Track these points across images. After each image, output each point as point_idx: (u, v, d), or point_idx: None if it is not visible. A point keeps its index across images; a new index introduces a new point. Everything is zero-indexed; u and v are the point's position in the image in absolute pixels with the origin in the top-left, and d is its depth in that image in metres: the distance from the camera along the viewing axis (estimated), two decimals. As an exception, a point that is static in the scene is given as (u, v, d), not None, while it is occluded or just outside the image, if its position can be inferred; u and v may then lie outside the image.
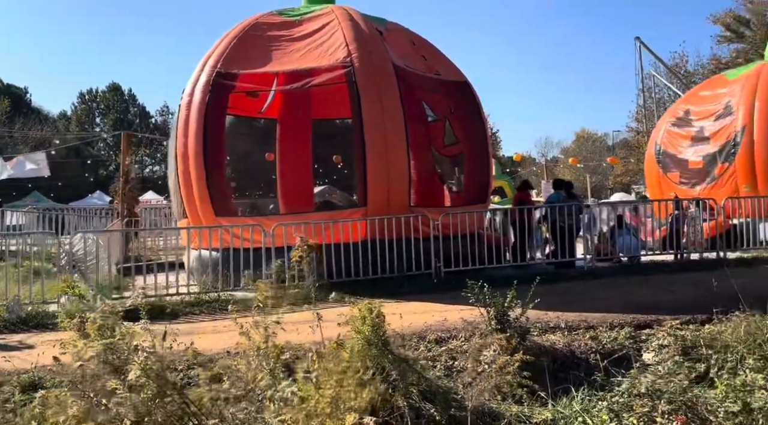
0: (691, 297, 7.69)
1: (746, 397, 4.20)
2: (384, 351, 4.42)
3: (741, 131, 13.59)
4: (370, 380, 3.57)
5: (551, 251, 10.44)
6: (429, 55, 11.14)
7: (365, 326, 4.45)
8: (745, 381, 4.52)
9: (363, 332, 4.42)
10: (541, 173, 32.48)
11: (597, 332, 6.35)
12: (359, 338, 4.41)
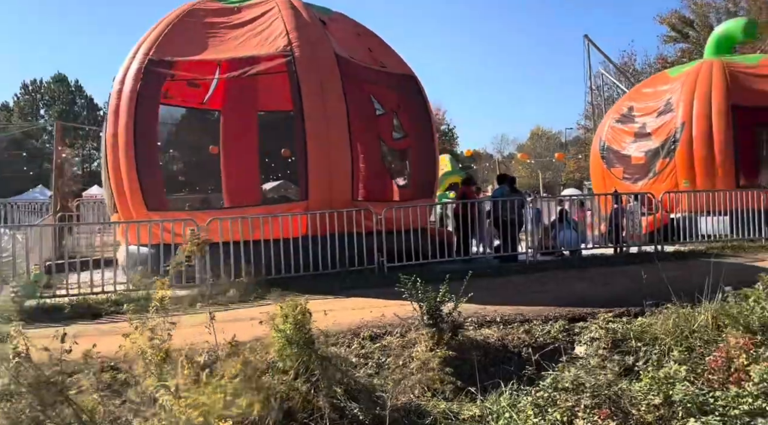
0: (626, 290, 7.77)
1: (668, 390, 4.21)
2: (305, 350, 4.24)
3: (680, 127, 13.97)
4: (277, 382, 3.34)
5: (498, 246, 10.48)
6: (375, 46, 10.96)
7: (286, 324, 4.25)
8: (668, 374, 4.53)
9: (283, 330, 4.22)
10: (494, 169, 32.79)
11: (531, 325, 6.31)
12: (278, 337, 4.21)
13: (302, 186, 8.97)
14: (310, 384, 4.31)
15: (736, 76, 13.89)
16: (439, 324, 5.37)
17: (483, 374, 5.33)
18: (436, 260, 9.79)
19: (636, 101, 15.94)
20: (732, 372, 4.38)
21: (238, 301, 7.61)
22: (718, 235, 12.17)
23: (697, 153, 13.60)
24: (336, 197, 8.91)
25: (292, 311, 4.37)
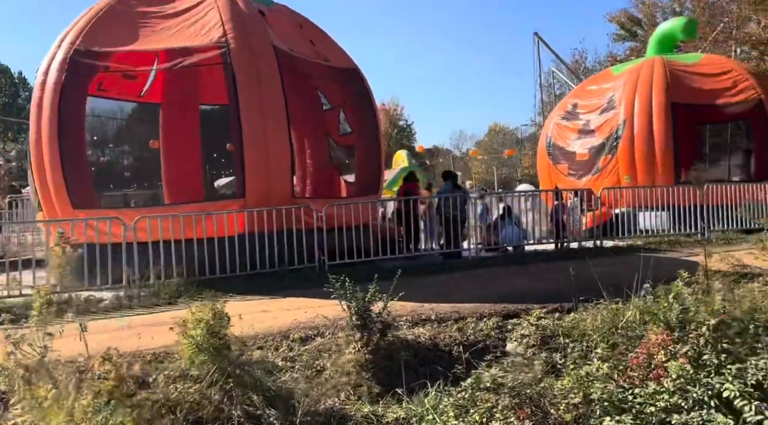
0: (563, 286, 7.81)
1: (587, 388, 4.19)
2: (217, 357, 4.03)
3: (622, 124, 14.28)
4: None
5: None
6: (317, 39, 10.74)
7: (197, 330, 4.03)
8: (589, 371, 4.53)
9: (193, 337, 4.01)
10: (450, 165, 32.96)
11: (466, 323, 6.27)
12: (187, 344, 3.99)
13: (239, 183, 8.69)
14: (224, 392, 4.11)
15: (676, 75, 14.28)
16: (368, 324, 5.24)
17: (412, 374, 5.25)
18: (381, 257, 9.68)
19: (581, 99, 16.22)
20: (652, 369, 4.40)
21: (167, 303, 7.31)
22: (657, 230, 12.48)
23: (638, 150, 13.93)
24: (275, 193, 8.67)
25: (206, 316, 4.15)
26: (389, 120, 50.68)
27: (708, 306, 4.41)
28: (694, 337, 4.25)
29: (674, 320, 4.34)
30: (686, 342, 4.27)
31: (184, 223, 7.94)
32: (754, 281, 6.75)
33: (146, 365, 4.89)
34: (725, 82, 14.03)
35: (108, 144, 13.15)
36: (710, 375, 4.02)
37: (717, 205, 12.31)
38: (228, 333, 4.32)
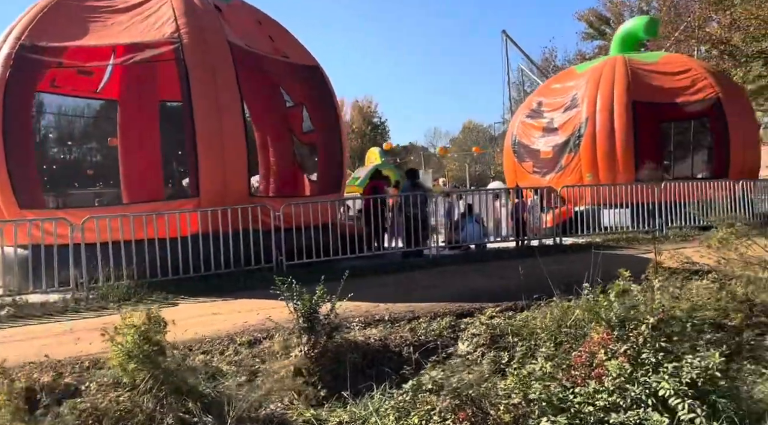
0: (519, 284, 7.85)
1: (527, 388, 4.18)
2: (148, 363, 3.90)
3: (585, 122, 14.42)
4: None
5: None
6: (277, 36, 10.56)
7: (128, 336, 3.90)
8: (531, 370, 4.53)
9: (122, 344, 3.87)
10: (420, 163, 33.04)
11: (419, 322, 6.23)
12: (117, 351, 3.86)
13: (192, 181, 8.50)
14: (157, 400, 3.99)
15: (637, 73, 14.47)
16: (315, 327, 5.16)
17: (360, 376, 5.19)
18: (344, 256, 9.59)
19: (545, 97, 16.35)
20: (594, 368, 4.41)
21: (117, 306, 7.10)
22: (619, 227, 12.64)
23: (600, 148, 14.09)
24: (231, 192, 8.51)
25: (139, 321, 4.02)
26: (363, 117, 50.57)
27: (648, 305, 4.43)
28: (634, 336, 4.27)
29: (614, 319, 4.35)
30: (626, 341, 4.29)
31: (134, 223, 7.73)
32: (703, 279, 6.84)
33: (83, 372, 4.75)
34: (684, 81, 14.27)
35: (63, 142, 12.78)
36: (648, 374, 4.05)
37: (676, 202, 12.54)
38: (162, 339, 4.19)
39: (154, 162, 12.37)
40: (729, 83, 14.90)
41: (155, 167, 12.43)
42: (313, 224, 9.16)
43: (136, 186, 11.79)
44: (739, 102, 14.25)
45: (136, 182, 11.92)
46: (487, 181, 48.05)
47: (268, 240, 8.59)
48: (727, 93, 14.00)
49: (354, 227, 10.86)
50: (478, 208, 11.32)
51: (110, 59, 10.17)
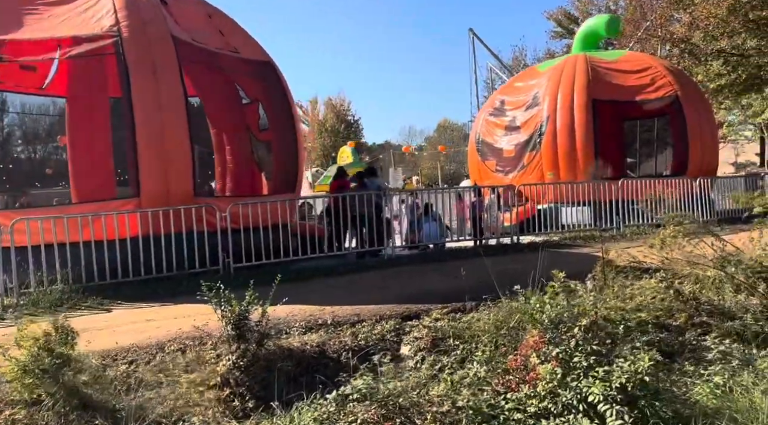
0: (472, 284, 7.68)
1: (457, 395, 4.01)
2: (48, 378, 3.61)
3: (545, 120, 14.39)
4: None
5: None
6: (228, 30, 10.25)
7: (24, 349, 3.60)
8: (465, 375, 4.36)
9: (17, 358, 3.57)
10: (390, 161, 32.89)
11: (363, 326, 6.03)
12: (11, 366, 3.56)
13: (132, 181, 8.15)
14: (60, 416, 3.70)
15: (597, 72, 14.48)
16: (245, 334, 4.91)
17: (293, 385, 4.96)
18: (300, 257, 9.32)
19: (508, 95, 16.29)
20: (528, 372, 4.26)
21: (49, 312, 6.73)
22: (580, 225, 12.62)
23: (561, 146, 14.07)
24: (174, 192, 8.19)
25: (40, 332, 3.72)
26: (336, 115, 50.11)
27: (582, 306, 4.30)
28: (567, 339, 4.13)
29: (546, 321, 4.20)
30: (559, 344, 4.14)
31: (68, 225, 7.36)
32: (652, 277, 6.77)
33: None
34: (644, 79, 14.34)
35: (12, 140, 12.25)
36: (579, 379, 3.90)
37: (634, 200, 12.55)
38: (68, 350, 3.90)
39: (104, 161, 11.94)
40: (688, 81, 15.04)
41: (105, 166, 11.99)
42: (263, 225, 8.87)
43: (86, 186, 11.34)
44: (697, 100, 14.39)
45: (85, 182, 11.48)
46: (460, 179, 48.18)
47: (215, 242, 8.29)
48: (685, 91, 14.11)
49: (314, 228, 10.63)
50: (439, 207, 11.17)
51: (52, 54, 9.76)
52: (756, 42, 16.86)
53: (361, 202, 9.46)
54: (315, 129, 49.43)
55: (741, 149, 37.73)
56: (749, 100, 20.64)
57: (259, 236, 8.75)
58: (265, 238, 8.84)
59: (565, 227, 12.77)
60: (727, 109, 24.83)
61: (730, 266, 6.53)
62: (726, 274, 6.49)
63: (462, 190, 12.43)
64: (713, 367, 4.63)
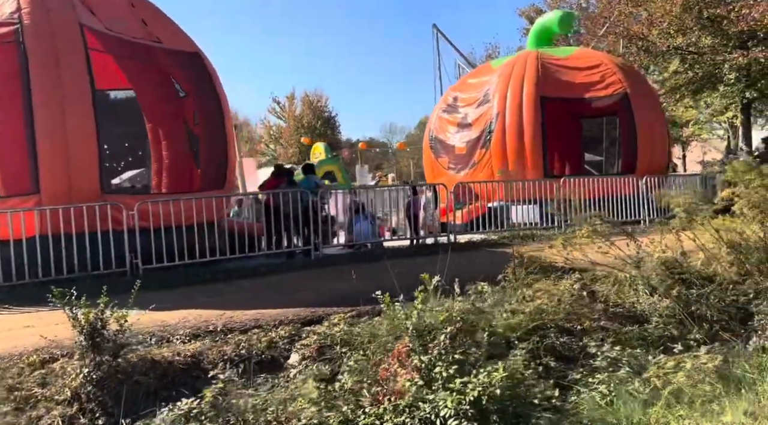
0: (389, 286, 7.39)
1: (311, 410, 3.67)
2: None
3: (495, 117, 14.14)
4: None
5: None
6: (152, 19, 9.78)
7: None
8: (332, 388, 4.02)
9: None
10: (356, 158, 32.51)
11: (255, 333, 5.65)
12: None
13: (30, 177, 7.66)
14: None
15: (547, 68, 14.27)
16: (102, 344, 4.50)
17: (153, 399, 4.57)
18: (226, 257, 8.91)
19: (461, 92, 16.02)
20: (396, 383, 3.93)
21: None
22: (527, 223, 12.38)
23: (510, 144, 13.83)
24: (78, 189, 7.72)
25: None
26: (312, 112, 49.36)
27: (445, 313, 3.98)
28: (432, 348, 3.80)
29: (410, 328, 3.87)
30: (425, 353, 3.82)
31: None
32: (568, 279, 6.50)
33: None
34: (594, 76, 14.16)
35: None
36: (438, 391, 3.58)
37: (581, 198, 12.32)
38: None
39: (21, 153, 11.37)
40: (638, 79, 14.91)
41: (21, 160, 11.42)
42: (183, 224, 8.43)
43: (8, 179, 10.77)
44: (647, 98, 14.26)
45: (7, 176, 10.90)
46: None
47: (122, 242, 7.84)
48: (635, 89, 13.96)
49: (251, 226, 10.23)
50: (377, 205, 10.84)
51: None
52: (710, 40, 16.80)
53: (286, 201, 9.07)
54: (291, 125, 48.73)
55: (709, 147, 38.05)
56: (710, 98, 20.71)
57: (172, 236, 8.31)
58: (182, 237, 8.40)
59: (514, 225, 12.53)
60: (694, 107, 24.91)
61: (644, 266, 6.30)
62: (642, 276, 6.25)
63: (398, 188, 12.05)
64: (599, 375, 4.35)
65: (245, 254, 9.15)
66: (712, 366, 3.92)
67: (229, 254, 9.09)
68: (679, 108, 24.77)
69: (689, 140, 36.12)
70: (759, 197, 5.61)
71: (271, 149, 50.06)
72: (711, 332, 5.62)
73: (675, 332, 5.60)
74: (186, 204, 8.45)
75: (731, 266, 5.72)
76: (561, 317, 5.52)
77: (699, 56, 17.51)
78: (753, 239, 5.78)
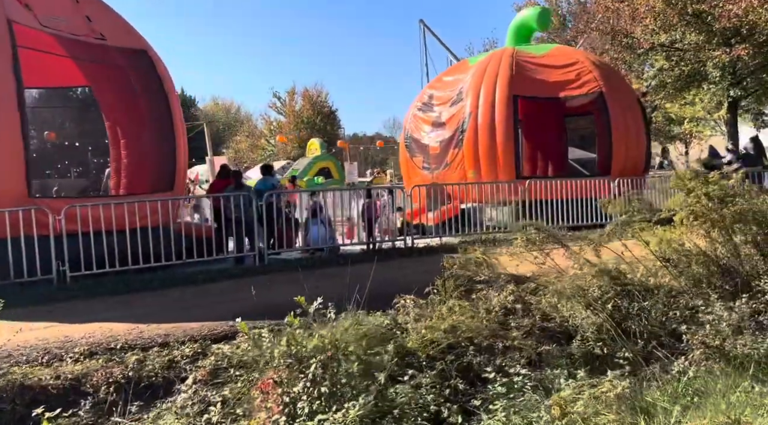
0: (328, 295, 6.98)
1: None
2: None
3: (468, 117, 13.71)
4: None
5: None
6: (98, 15, 9.41)
7: None
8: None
9: None
10: (346, 156, 32.06)
11: (158, 350, 5.28)
12: None
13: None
14: None
15: (521, 66, 13.83)
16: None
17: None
18: (166, 263, 8.53)
19: (436, 90, 15.59)
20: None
21: None
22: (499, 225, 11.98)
23: (482, 143, 13.40)
24: (2, 192, 7.37)
25: None
26: (312, 107, 48.77)
27: (316, 339, 3.59)
28: (300, 379, 3.43)
29: (276, 358, 3.49)
30: (292, 385, 3.44)
31: None
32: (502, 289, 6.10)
33: None
34: (569, 75, 13.71)
35: None
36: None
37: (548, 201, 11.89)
38: None
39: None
40: (615, 77, 14.44)
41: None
42: (116, 229, 8.08)
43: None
44: (624, 97, 13.80)
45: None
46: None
47: (49, 248, 7.49)
48: (611, 87, 13.51)
49: (201, 230, 9.86)
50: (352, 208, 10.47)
51: None
52: (695, 36, 16.30)
53: (228, 205, 8.70)
54: (291, 120, 48.24)
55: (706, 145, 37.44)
56: (699, 95, 20.24)
57: (112, 241, 7.95)
58: (122, 242, 8.04)
59: (486, 227, 12.12)
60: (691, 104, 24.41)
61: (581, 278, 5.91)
62: (579, 287, 5.85)
63: (355, 191, 11.62)
64: (499, 402, 3.97)
65: (184, 260, 8.74)
66: (614, 394, 3.52)
67: (175, 259, 8.72)
68: (675, 105, 24.36)
69: (689, 138, 35.51)
70: (701, 207, 5.20)
71: (271, 145, 49.55)
72: (646, 349, 5.25)
73: (606, 350, 5.23)
74: (119, 209, 8.08)
75: (673, 278, 5.32)
76: (485, 333, 5.15)
77: (683, 53, 17.02)
78: (694, 251, 5.38)
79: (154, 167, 9.88)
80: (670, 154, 44.59)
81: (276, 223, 9.32)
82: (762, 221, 5.31)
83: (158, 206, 8.82)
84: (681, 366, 4.26)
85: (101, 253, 7.82)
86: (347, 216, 10.31)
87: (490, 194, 12.16)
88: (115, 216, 8.09)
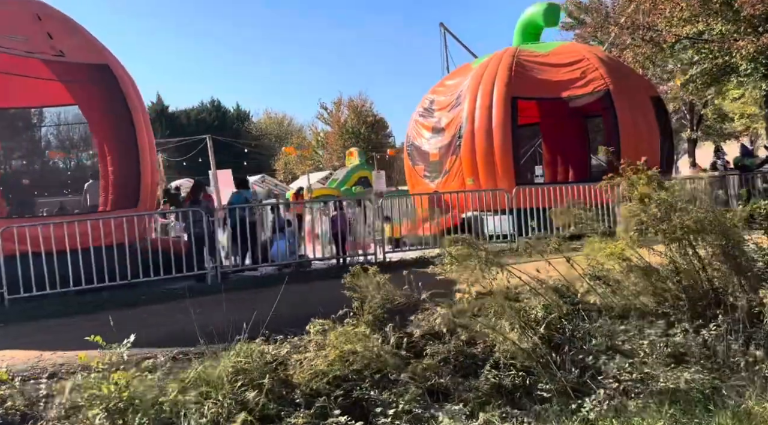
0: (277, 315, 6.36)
1: None
2: None
3: (464, 122, 12.96)
4: None
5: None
6: (59, 32, 9.32)
7: None
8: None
9: None
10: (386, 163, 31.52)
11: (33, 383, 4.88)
12: None
13: None
14: None
15: (522, 66, 12.99)
16: None
17: None
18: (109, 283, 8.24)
19: (437, 94, 14.88)
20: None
21: None
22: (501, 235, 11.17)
23: (479, 149, 12.60)
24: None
25: None
26: (357, 116, 48.40)
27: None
28: None
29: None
30: None
31: None
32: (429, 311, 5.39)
33: None
34: (574, 73, 12.75)
35: None
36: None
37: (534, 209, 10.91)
38: None
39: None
40: (624, 74, 13.32)
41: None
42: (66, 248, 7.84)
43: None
44: (633, 95, 12.68)
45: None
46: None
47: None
48: (619, 85, 12.47)
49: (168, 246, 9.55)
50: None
51: None
52: (722, 26, 14.92)
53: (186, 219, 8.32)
54: (336, 131, 48.19)
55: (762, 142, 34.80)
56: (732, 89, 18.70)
57: (65, 261, 7.74)
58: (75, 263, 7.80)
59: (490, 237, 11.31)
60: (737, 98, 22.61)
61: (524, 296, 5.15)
62: (518, 310, 5.08)
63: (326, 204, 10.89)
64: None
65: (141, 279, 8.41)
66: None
67: (131, 278, 8.41)
68: (724, 101, 22.50)
69: (742, 135, 33.06)
70: (647, 217, 4.37)
71: (318, 155, 49.57)
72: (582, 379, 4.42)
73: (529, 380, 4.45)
74: (69, 227, 7.85)
75: (601, 298, 4.49)
76: (385, 363, 4.47)
77: (709, 44, 15.66)
78: (640, 265, 4.52)
79: (115, 184, 9.67)
80: (725, 153, 41.85)
81: (249, 238, 8.87)
82: (727, 232, 4.41)
83: (111, 223, 8.55)
84: (590, 404, 3.46)
85: (44, 273, 7.57)
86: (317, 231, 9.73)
87: (485, 202, 11.38)
88: (67, 236, 7.85)
